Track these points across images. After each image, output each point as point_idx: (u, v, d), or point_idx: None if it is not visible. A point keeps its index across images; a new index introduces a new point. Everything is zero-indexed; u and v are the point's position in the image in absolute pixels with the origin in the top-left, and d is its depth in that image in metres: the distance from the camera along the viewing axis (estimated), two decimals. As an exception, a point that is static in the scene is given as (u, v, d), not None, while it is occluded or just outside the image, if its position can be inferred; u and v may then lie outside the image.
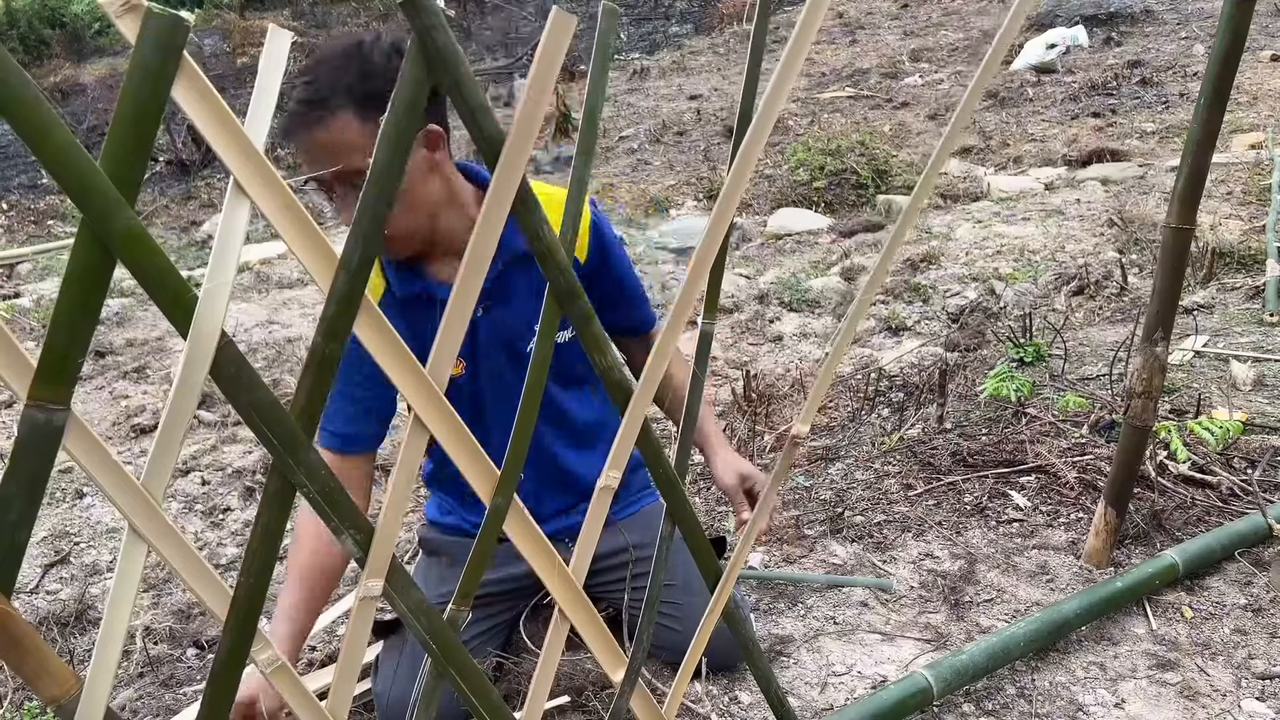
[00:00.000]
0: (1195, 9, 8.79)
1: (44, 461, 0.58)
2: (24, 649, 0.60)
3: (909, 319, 3.80)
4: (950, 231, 4.88)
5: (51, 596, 2.11)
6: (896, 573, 1.90)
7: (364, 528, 0.73)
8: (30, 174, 8.72)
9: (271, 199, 0.62)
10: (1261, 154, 4.98)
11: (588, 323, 0.81)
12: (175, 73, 0.56)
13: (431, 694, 0.84)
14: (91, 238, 0.56)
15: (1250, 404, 2.44)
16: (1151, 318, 1.71)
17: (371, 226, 0.65)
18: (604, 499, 0.89)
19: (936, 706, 1.48)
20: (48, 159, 0.53)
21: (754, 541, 1.31)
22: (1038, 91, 7.44)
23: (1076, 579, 1.84)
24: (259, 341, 4.00)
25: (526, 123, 0.69)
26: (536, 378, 0.80)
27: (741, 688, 1.58)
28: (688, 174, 6.82)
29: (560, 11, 0.66)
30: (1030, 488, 2.19)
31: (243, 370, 0.63)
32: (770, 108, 0.81)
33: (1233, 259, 3.65)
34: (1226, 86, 1.53)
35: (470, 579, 0.81)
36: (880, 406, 2.84)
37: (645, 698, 1.01)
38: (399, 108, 0.64)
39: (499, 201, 0.70)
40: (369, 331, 0.68)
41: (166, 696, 1.70)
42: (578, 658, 1.55)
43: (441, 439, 0.75)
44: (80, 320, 0.57)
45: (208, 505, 2.56)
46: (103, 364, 3.80)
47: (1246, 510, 1.93)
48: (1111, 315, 3.44)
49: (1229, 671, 1.54)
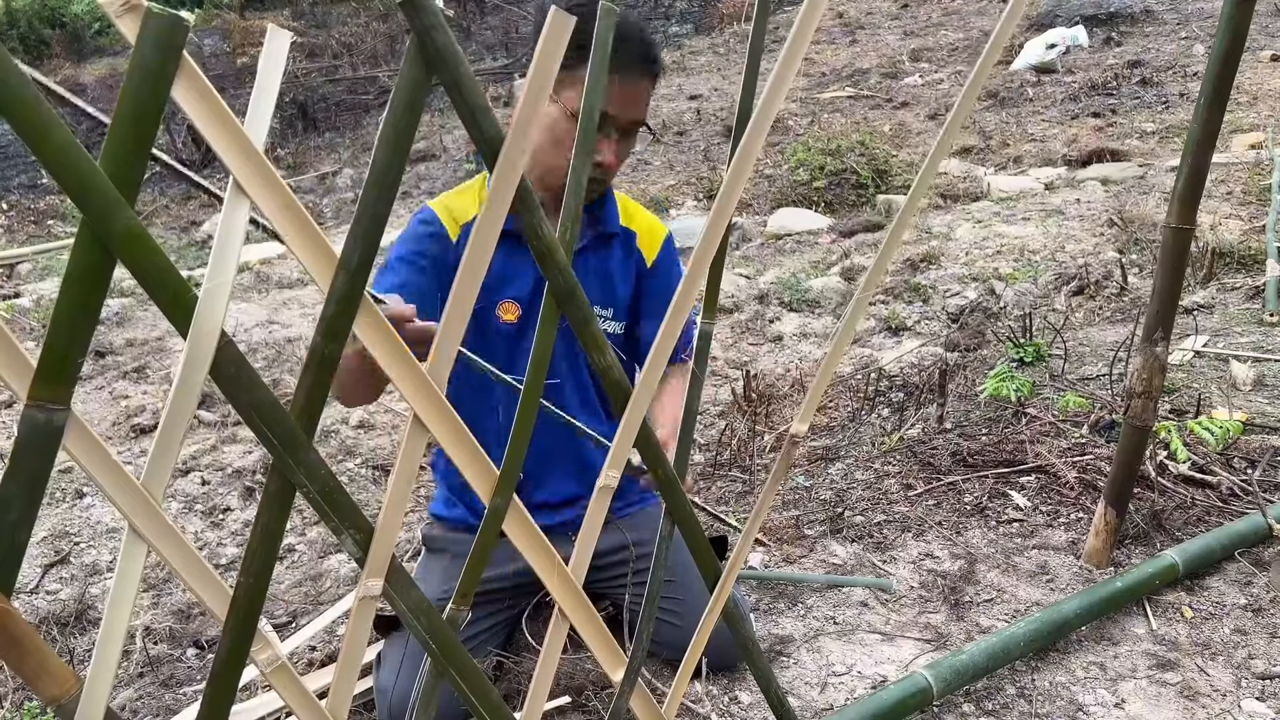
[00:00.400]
0: (1195, 9, 8.79)
1: (44, 461, 0.58)
2: (24, 649, 0.60)
3: (909, 319, 3.80)
4: (950, 231, 4.88)
5: (51, 596, 2.11)
6: (896, 573, 1.90)
7: (364, 527, 0.73)
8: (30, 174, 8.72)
9: (271, 199, 0.62)
10: (1261, 154, 4.98)
11: (585, 324, 0.81)
12: (175, 73, 0.56)
13: (431, 693, 0.84)
14: (91, 238, 0.56)
15: (1250, 404, 2.44)
16: (1151, 318, 1.71)
17: (371, 226, 0.65)
18: (603, 498, 0.89)
19: (936, 706, 1.48)
20: (48, 159, 0.53)
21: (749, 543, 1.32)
22: (1038, 91, 7.44)
23: (1076, 579, 1.84)
24: (259, 341, 4.00)
25: (525, 123, 0.69)
26: (536, 376, 0.80)
27: (741, 688, 1.58)
28: (687, 174, 6.82)
29: (558, 12, 0.66)
30: (1030, 488, 2.19)
31: (243, 370, 0.63)
32: (768, 107, 0.82)
33: (1233, 259, 3.65)
34: (1226, 86, 1.53)
35: (470, 578, 0.81)
36: (880, 406, 2.84)
37: (645, 697, 1.01)
38: (399, 108, 0.64)
39: (499, 200, 0.70)
40: (369, 330, 0.68)
41: (166, 696, 1.70)
42: (578, 657, 1.55)
43: (441, 439, 0.75)
44: (80, 320, 0.57)
45: (208, 505, 2.56)
46: (103, 364, 3.80)
47: (1246, 510, 1.93)
48: (1111, 315, 3.44)
49: (1229, 671, 1.54)
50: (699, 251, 0.87)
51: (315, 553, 2.26)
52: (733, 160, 0.85)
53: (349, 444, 2.94)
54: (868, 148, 5.98)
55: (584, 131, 0.76)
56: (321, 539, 2.31)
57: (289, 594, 2.06)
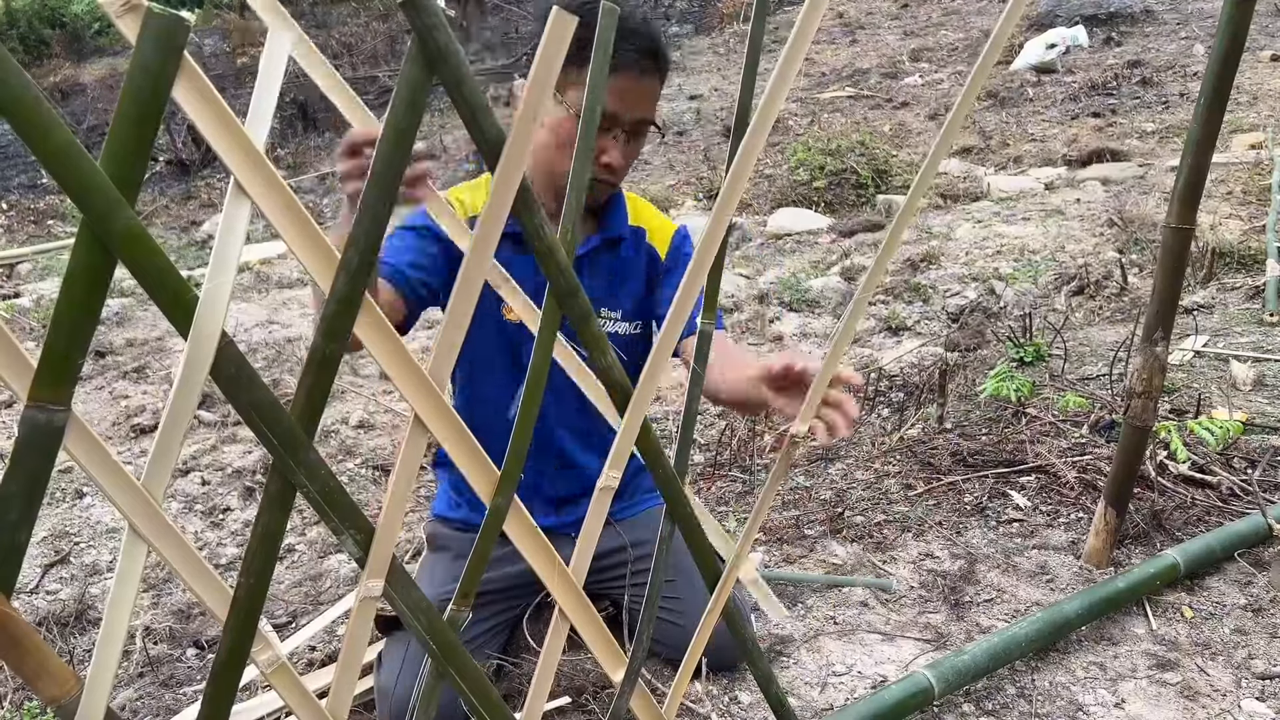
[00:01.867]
0: (1195, 9, 8.79)
1: (44, 462, 0.58)
2: (24, 649, 0.60)
3: (909, 319, 3.80)
4: (950, 231, 4.88)
5: (51, 596, 2.11)
6: (896, 573, 1.90)
7: (364, 527, 0.73)
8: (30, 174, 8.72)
9: (271, 199, 0.62)
10: (1261, 154, 4.98)
11: (585, 321, 0.81)
12: (175, 73, 0.56)
13: (431, 693, 0.84)
14: (92, 238, 0.56)
15: (1250, 404, 2.44)
16: (1151, 318, 1.71)
17: (371, 226, 0.65)
18: (604, 499, 0.89)
19: (936, 706, 1.48)
20: (48, 159, 0.53)
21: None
22: (1038, 91, 7.44)
23: (1076, 579, 1.84)
24: (259, 341, 4.00)
25: (526, 123, 0.69)
26: (536, 377, 0.80)
27: (741, 688, 1.58)
28: (688, 174, 6.82)
29: (560, 12, 0.66)
30: (1030, 488, 2.19)
31: (243, 370, 0.63)
32: (769, 107, 0.82)
33: (1233, 259, 3.65)
34: (1226, 86, 1.53)
35: (471, 578, 0.81)
36: (880, 406, 2.84)
37: (645, 697, 1.01)
38: (399, 107, 0.64)
39: (500, 201, 0.70)
40: (369, 330, 0.68)
41: (166, 696, 1.70)
42: (578, 658, 1.55)
43: (441, 439, 0.75)
44: (80, 320, 0.57)
45: (208, 505, 2.56)
46: (103, 364, 3.80)
47: (1247, 510, 1.93)
48: (1111, 315, 3.44)
49: (1229, 671, 1.54)
50: (699, 252, 0.87)
51: (315, 553, 2.26)
52: (732, 162, 0.85)
53: (349, 444, 2.94)
54: (868, 148, 5.98)
55: (585, 132, 0.76)
56: (322, 539, 2.31)
57: (289, 594, 2.06)
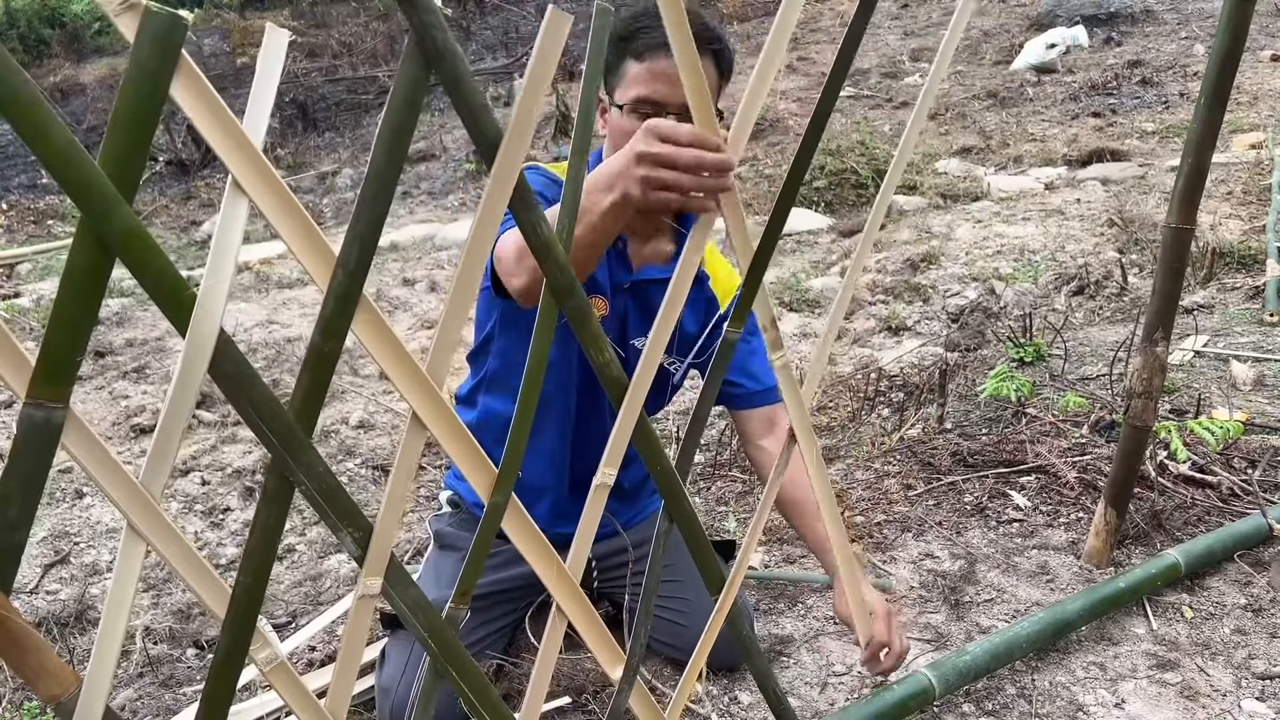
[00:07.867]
0: (1195, 9, 8.78)
1: (43, 460, 0.58)
2: (24, 649, 0.60)
3: (909, 319, 3.79)
4: (950, 231, 4.88)
5: (51, 596, 2.11)
6: (896, 573, 1.90)
7: (363, 526, 0.73)
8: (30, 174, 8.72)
9: (270, 198, 0.62)
10: (1261, 154, 4.98)
11: (585, 322, 0.81)
12: (174, 72, 0.56)
13: (431, 693, 0.84)
14: (91, 237, 0.56)
15: (1250, 404, 2.43)
16: (1151, 318, 1.71)
17: (369, 225, 0.65)
18: (600, 497, 0.89)
19: (937, 706, 1.48)
20: (48, 159, 0.53)
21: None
22: (1038, 91, 7.43)
23: (1076, 579, 1.84)
24: (259, 341, 4.00)
25: (523, 121, 0.69)
26: (535, 375, 0.80)
27: (741, 688, 1.58)
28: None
29: (556, 11, 0.66)
30: (1030, 488, 2.19)
31: (242, 369, 0.63)
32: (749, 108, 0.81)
33: (1233, 259, 3.65)
34: (1226, 86, 1.53)
35: (469, 577, 0.81)
36: (880, 406, 2.84)
37: (645, 697, 1.01)
38: (397, 106, 0.64)
39: (496, 200, 0.70)
40: (368, 330, 0.68)
41: (166, 696, 1.70)
42: (578, 657, 1.55)
43: (441, 438, 0.74)
44: (79, 318, 0.57)
45: (208, 505, 2.56)
46: (102, 364, 3.80)
47: (1247, 510, 1.93)
48: (1111, 315, 3.44)
49: (1229, 671, 1.54)
50: (688, 252, 0.87)
51: (315, 553, 2.25)
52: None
53: (349, 444, 2.94)
54: (868, 148, 5.98)
55: (580, 133, 0.76)
56: (321, 539, 2.31)
57: (289, 594, 2.06)
